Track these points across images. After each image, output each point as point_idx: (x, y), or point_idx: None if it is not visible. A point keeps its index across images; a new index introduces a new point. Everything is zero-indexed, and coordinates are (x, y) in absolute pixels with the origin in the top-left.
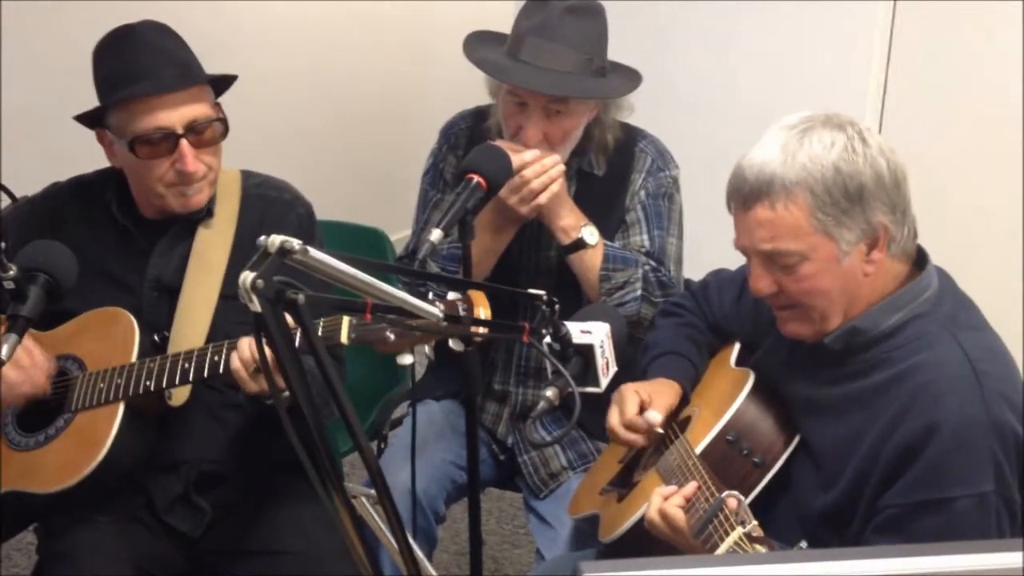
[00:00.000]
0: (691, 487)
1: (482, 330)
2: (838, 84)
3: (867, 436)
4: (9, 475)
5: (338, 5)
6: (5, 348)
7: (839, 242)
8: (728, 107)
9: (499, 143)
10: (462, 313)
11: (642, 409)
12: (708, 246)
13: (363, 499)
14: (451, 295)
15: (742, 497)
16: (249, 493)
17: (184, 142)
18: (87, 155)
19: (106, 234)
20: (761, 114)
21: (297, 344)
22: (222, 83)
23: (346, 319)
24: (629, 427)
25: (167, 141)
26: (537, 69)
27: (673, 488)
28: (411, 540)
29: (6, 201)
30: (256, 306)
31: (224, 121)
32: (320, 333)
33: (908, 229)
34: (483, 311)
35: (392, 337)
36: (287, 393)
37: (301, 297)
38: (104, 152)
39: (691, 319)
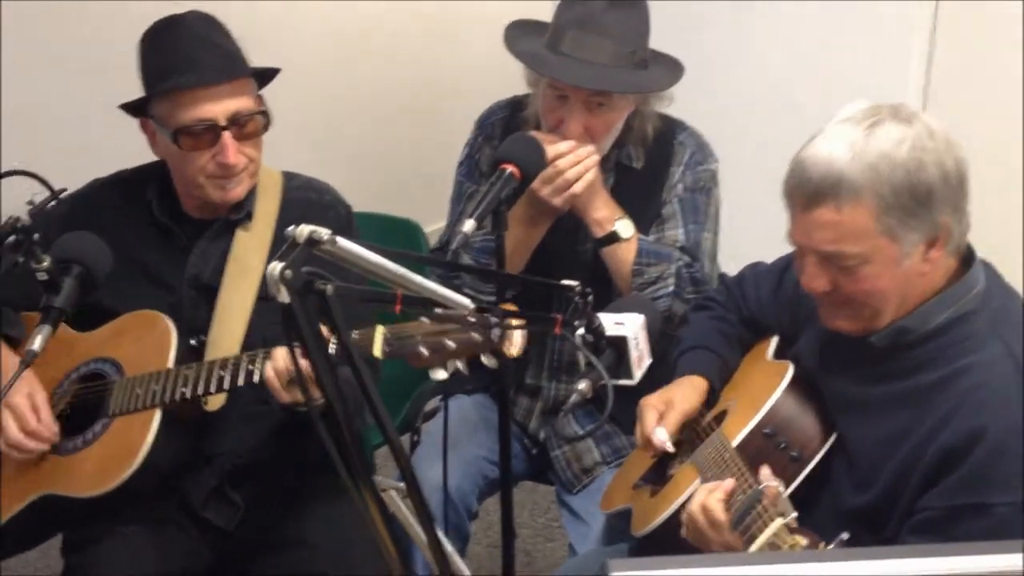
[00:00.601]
0: (731, 482)
1: (516, 335)
2: (879, 78)
3: (910, 437)
4: (47, 477)
5: None
6: (39, 340)
7: (902, 244)
8: (764, 100)
9: (534, 134)
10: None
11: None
12: (744, 238)
13: (393, 493)
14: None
15: (782, 487)
16: (281, 487)
17: (226, 134)
18: (125, 149)
19: (147, 231)
20: (798, 108)
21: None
22: (265, 76)
23: (379, 331)
24: (647, 444)
25: (210, 133)
26: (579, 62)
27: (716, 483)
28: (442, 536)
29: (35, 194)
30: (284, 297)
31: (266, 114)
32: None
33: (964, 225)
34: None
35: (426, 352)
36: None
37: (330, 288)
38: (147, 141)
39: (722, 312)
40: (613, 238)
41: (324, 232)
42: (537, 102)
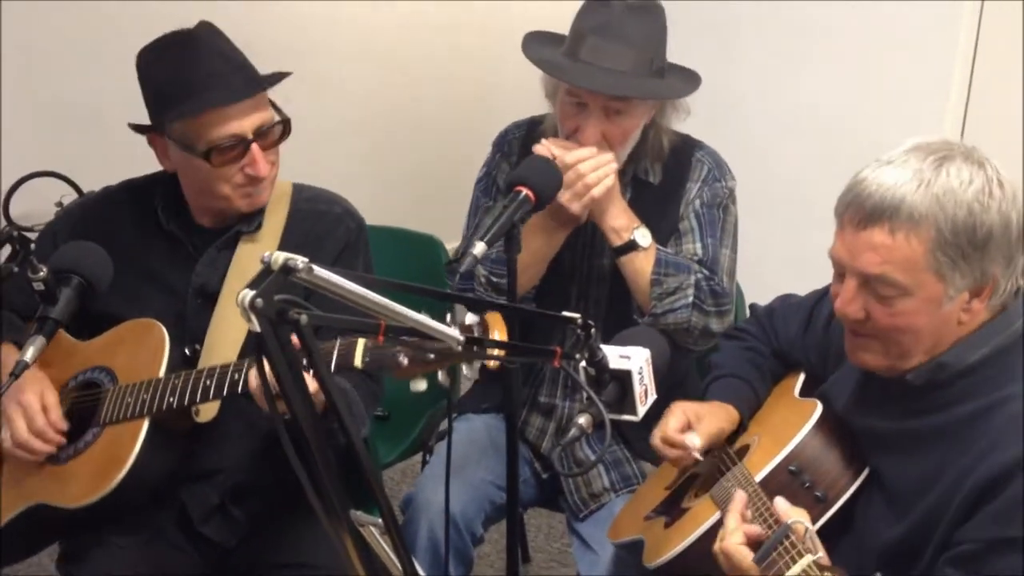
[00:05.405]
0: (756, 528)
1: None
2: (917, 95)
3: (948, 470)
4: (39, 486)
5: (404, 15)
6: (31, 351)
7: (948, 286)
8: (795, 121)
9: (551, 140)
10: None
11: (686, 429)
12: (765, 262)
13: (371, 528)
14: (468, 318)
15: (810, 524)
16: (282, 505)
17: (255, 146)
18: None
19: (155, 239)
20: (830, 127)
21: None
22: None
23: (361, 342)
24: (666, 443)
25: (238, 147)
26: (598, 69)
27: (737, 526)
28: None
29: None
30: (255, 326)
31: (285, 121)
32: (335, 354)
33: (1013, 282)
34: (498, 335)
35: (405, 362)
36: (287, 417)
37: (304, 318)
38: (156, 156)
39: (754, 344)
40: (631, 246)
41: (300, 260)
42: (554, 116)
